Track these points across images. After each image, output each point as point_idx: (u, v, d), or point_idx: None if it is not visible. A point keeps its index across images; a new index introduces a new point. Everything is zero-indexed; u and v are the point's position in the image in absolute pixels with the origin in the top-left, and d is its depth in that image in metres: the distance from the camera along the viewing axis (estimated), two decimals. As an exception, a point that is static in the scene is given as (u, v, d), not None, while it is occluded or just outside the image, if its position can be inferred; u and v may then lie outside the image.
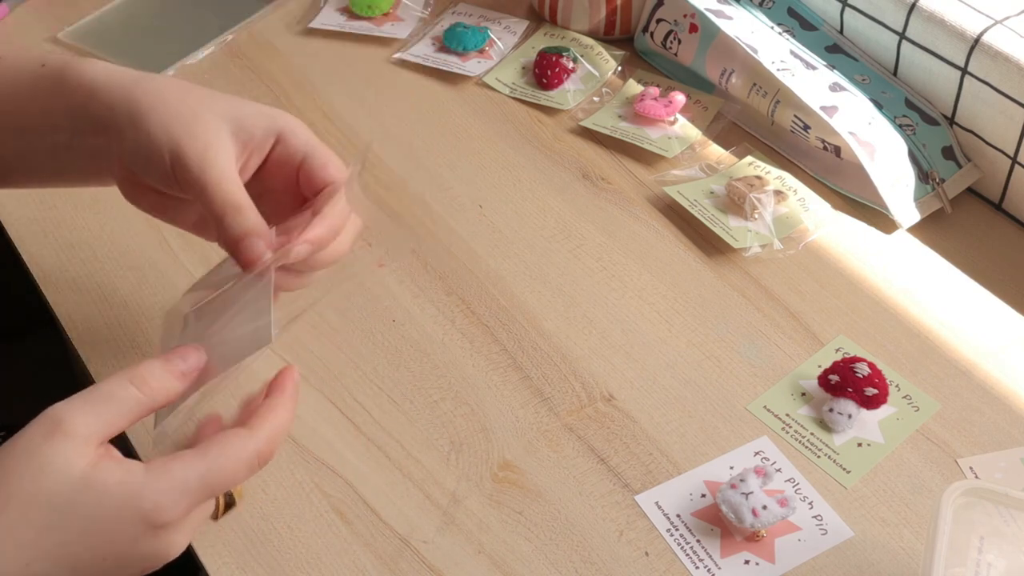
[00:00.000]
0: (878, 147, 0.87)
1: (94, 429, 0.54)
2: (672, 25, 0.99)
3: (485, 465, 0.72)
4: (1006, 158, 0.86)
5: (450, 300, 0.83)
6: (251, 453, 0.57)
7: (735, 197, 0.87)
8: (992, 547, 0.59)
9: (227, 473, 0.56)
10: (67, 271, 0.85)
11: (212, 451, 0.56)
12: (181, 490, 0.55)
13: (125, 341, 0.79)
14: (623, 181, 0.92)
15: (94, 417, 0.55)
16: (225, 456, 0.56)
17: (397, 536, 0.69)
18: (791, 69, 0.92)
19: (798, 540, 0.68)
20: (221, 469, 0.56)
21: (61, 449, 0.53)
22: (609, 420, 0.75)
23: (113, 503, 0.53)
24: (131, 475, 0.54)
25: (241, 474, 0.57)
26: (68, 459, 0.53)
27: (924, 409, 0.75)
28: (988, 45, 0.84)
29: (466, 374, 0.78)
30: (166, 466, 0.55)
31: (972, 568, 0.58)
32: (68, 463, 0.53)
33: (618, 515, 0.70)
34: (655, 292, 0.83)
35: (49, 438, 0.54)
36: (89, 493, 0.53)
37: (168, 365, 0.58)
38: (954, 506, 0.60)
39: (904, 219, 0.87)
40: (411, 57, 1.04)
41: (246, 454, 0.57)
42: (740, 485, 0.67)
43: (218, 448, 0.56)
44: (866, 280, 0.84)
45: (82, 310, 0.82)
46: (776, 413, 0.75)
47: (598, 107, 0.98)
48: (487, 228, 0.88)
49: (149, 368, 0.57)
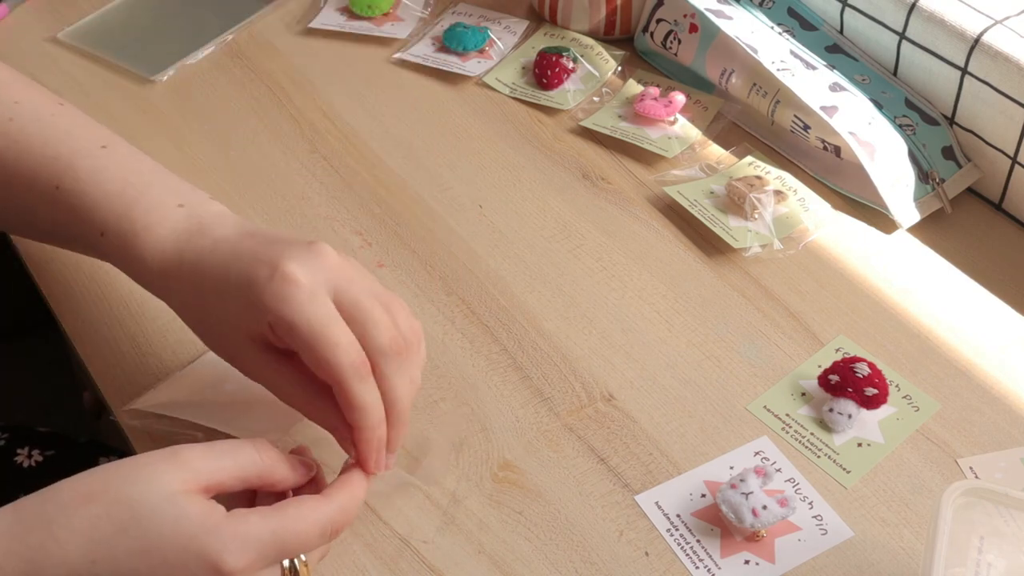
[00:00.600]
0: (878, 147, 0.87)
1: (204, 467, 0.56)
2: (672, 25, 0.99)
3: (485, 465, 0.72)
4: (1006, 158, 0.86)
5: (450, 300, 0.83)
6: (325, 519, 0.58)
7: (735, 197, 0.87)
8: (992, 547, 0.59)
9: (300, 535, 0.57)
10: (67, 271, 0.85)
11: (289, 510, 0.57)
12: (254, 541, 0.55)
13: (125, 341, 0.79)
14: (623, 181, 0.92)
15: (209, 459, 0.56)
16: (300, 517, 0.57)
17: (397, 536, 0.69)
18: (791, 69, 0.92)
19: (798, 540, 0.68)
20: (294, 529, 0.57)
21: (167, 469, 0.55)
22: (609, 420, 0.75)
23: (186, 530, 0.54)
24: (213, 512, 0.55)
25: (313, 540, 0.58)
26: (169, 478, 0.55)
27: (924, 409, 0.75)
28: (988, 45, 0.84)
29: (466, 374, 0.78)
30: (245, 516, 0.56)
31: (972, 568, 0.58)
32: (167, 481, 0.55)
33: (618, 515, 0.70)
34: (655, 292, 0.83)
35: (163, 460, 0.56)
36: (169, 512, 0.54)
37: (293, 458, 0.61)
38: (954, 506, 0.60)
39: (904, 219, 0.87)
40: (411, 57, 1.04)
41: (320, 518, 0.58)
42: (740, 485, 0.67)
43: (294, 509, 0.57)
44: (866, 280, 0.84)
45: (82, 310, 0.82)
46: (776, 413, 0.75)
47: (598, 107, 0.98)
48: (487, 228, 0.88)
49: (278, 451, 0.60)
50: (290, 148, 0.95)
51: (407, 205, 0.90)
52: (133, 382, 0.77)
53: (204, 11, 1.09)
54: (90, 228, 0.66)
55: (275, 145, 0.95)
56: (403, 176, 0.93)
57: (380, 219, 0.89)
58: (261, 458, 0.58)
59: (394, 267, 0.85)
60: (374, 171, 0.93)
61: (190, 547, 0.54)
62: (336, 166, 0.94)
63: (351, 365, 0.60)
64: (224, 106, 0.99)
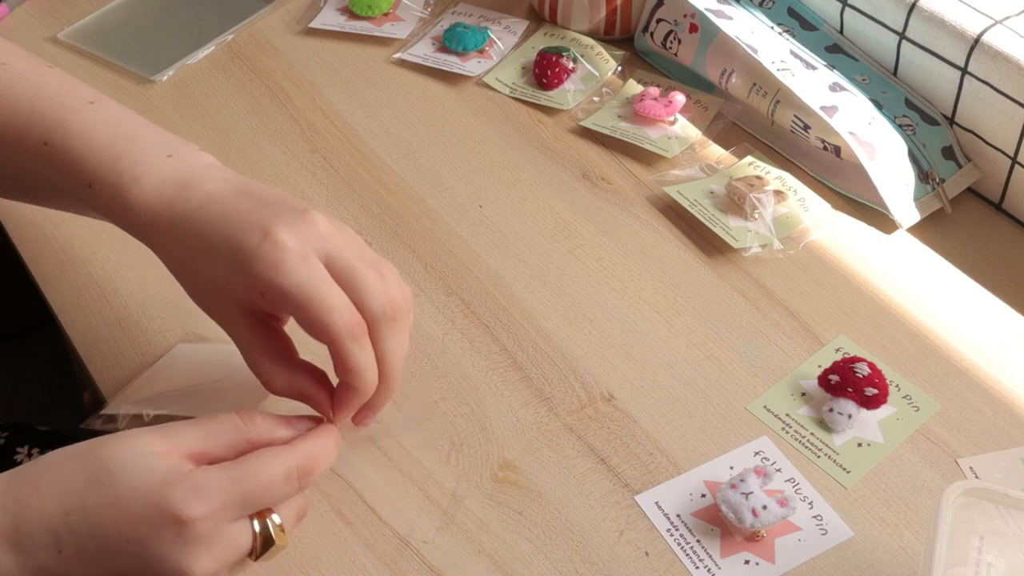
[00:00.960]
0: (878, 147, 0.87)
1: (184, 435, 0.57)
2: (672, 25, 0.99)
3: (485, 465, 0.72)
4: (1006, 158, 0.86)
5: (450, 300, 0.83)
6: (291, 463, 0.58)
7: (735, 197, 0.87)
8: (992, 547, 0.59)
9: (263, 481, 0.56)
10: (67, 271, 0.85)
11: (251, 459, 0.57)
12: (214, 489, 0.55)
13: (125, 341, 0.79)
14: (623, 181, 0.92)
15: (191, 428, 0.57)
16: (263, 464, 0.57)
17: (397, 536, 0.69)
18: (791, 69, 0.92)
19: (798, 540, 0.68)
20: (257, 476, 0.56)
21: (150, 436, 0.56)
22: (609, 420, 0.75)
23: (150, 483, 0.55)
24: (179, 467, 0.55)
25: (279, 487, 0.57)
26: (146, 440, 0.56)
27: (924, 409, 0.75)
28: (988, 45, 0.84)
29: (466, 374, 0.78)
30: (206, 468, 0.56)
31: (972, 568, 0.58)
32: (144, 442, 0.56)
33: (618, 515, 0.70)
34: (655, 292, 0.83)
35: (151, 430, 0.57)
36: (139, 466, 0.55)
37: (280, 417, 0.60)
38: (954, 506, 0.60)
39: (904, 219, 0.87)
40: (411, 57, 1.04)
41: (285, 463, 0.57)
42: (740, 485, 0.67)
43: (256, 456, 0.57)
44: (866, 280, 0.84)
45: (82, 310, 0.82)
46: (776, 413, 0.75)
47: (598, 107, 0.98)
48: (487, 228, 0.88)
49: (262, 412, 0.60)
50: (290, 148, 0.95)
51: (407, 205, 0.90)
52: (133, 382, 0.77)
53: (204, 11, 1.09)
54: (78, 181, 0.65)
55: (275, 145, 0.95)
56: (403, 176, 0.93)
57: (380, 219, 0.89)
58: (245, 425, 0.58)
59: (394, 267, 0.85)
60: (374, 171, 0.93)
61: (153, 498, 0.54)
62: (336, 166, 0.93)
63: (347, 326, 0.59)
64: (224, 106, 0.99)
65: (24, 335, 1.25)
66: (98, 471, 0.55)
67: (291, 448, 0.58)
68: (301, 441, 0.59)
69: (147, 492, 0.54)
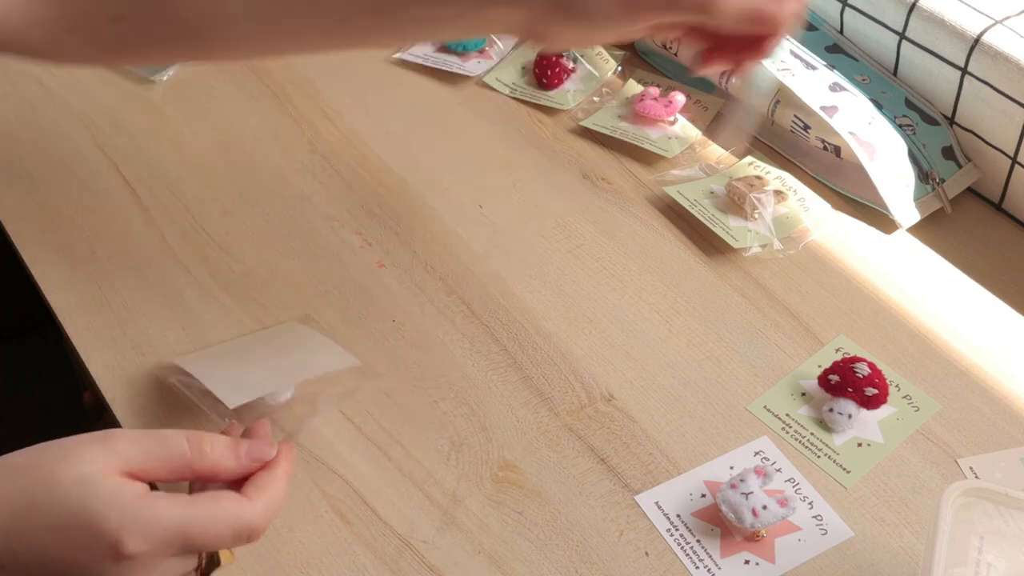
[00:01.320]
0: (878, 147, 0.87)
1: (129, 452, 0.56)
2: (672, 25, 0.99)
3: (485, 465, 0.72)
4: (1006, 158, 0.86)
5: (450, 300, 0.83)
6: (242, 522, 0.57)
7: (735, 197, 0.87)
8: (992, 547, 0.59)
9: (209, 533, 0.56)
10: (67, 271, 0.85)
11: (204, 506, 0.56)
12: (158, 529, 0.54)
13: (125, 341, 0.79)
14: (623, 181, 0.92)
15: (137, 446, 0.56)
16: (214, 516, 0.56)
17: (397, 536, 0.69)
18: (791, 69, 0.92)
19: (798, 540, 0.68)
20: (204, 527, 0.56)
21: (92, 451, 0.55)
22: (609, 420, 0.75)
23: (92, 508, 0.54)
24: (122, 491, 0.54)
25: (225, 540, 0.57)
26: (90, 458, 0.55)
27: (924, 409, 0.75)
28: (988, 45, 0.84)
29: (466, 374, 0.78)
30: (155, 501, 0.55)
31: (972, 568, 0.58)
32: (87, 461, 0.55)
33: (618, 515, 0.70)
34: (655, 292, 0.83)
35: (93, 442, 0.55)
36: (80, 491, 0.54)
37: (232, 443, 0.59)
38: (954, 506, 0.60)
39: (904, 219, 0.87)
40: (411, 57, 1.04)
41: (235, 521, 0.57)
42: (740, 485, 0.67)
43: (210, 505, 0.56)
44: (866, 280, 0.84)
45: (82, 310, 0.82)
46: (776, 413, 0.75)
47: (598, 107, 0.98)
48: (487, 228, 0.88)
49: (213, 436, 0.59)
50: (290, 148, 0.95)
51: (407, 205, 0.90)
52: (133, 382, 0.77)
53: (204, 11, 1.09)
54: None
55: (275, 145, 0.95)
56: (403, 176, 0.93)
57: (380, 219, 0.89)
58: (191, 450, 0.57)
59: (394, 267, 0.85)
60: (374, 171, 0.93)
61: (92, 525, 0.53)
62: (336, 166, 0.93)
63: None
64: (224, 106, 0.99)
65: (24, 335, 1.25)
66: (40, 493, 0.54)
67: (248, 505, 0.57)
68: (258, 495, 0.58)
69: (87, 519, 0.54)
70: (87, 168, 0.92)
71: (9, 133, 0.96)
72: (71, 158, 0.92)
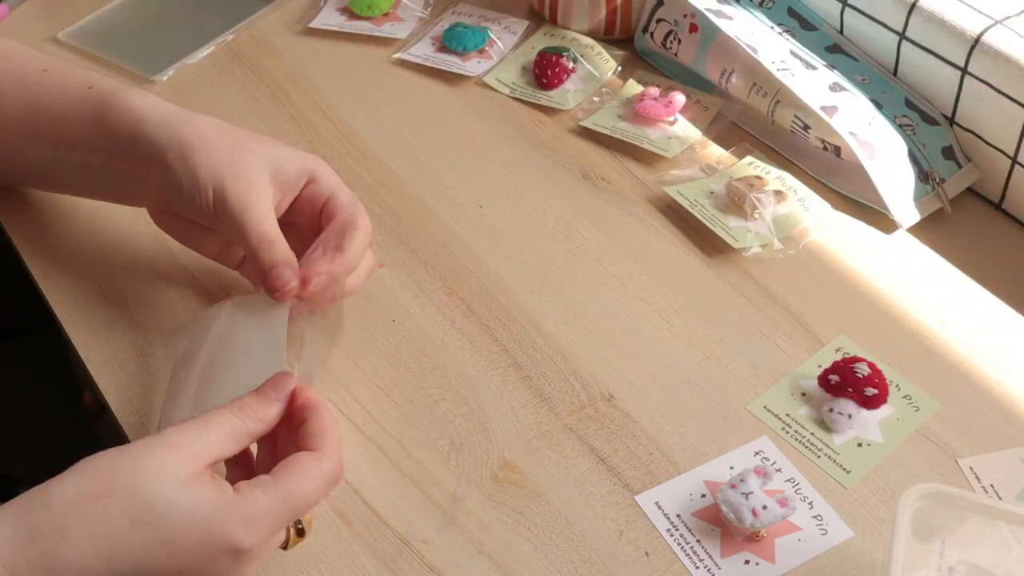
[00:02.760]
0: (878, 147, 0.87)
1: (196, 447, 0.57)
2: (672, 25, 0.99)
3: (485, 465, 0.72)
4: (1006, 158, 0.86)
5: (450, 300, 0.83)
6: (326, 472, 0.60)
7: (735, 197, 0.87)
8: (953, 551, 0.59)
9: (307, 497, 0.59)
10: (67, 271, 0.85)
11: (292, 477, 0.59)
12: (266, 515, 0.57)
13: (125, 341, 0.79)
14: (623, 181, 0.92)
15: (196, 437, 0.58)
16: (304, 481, 0.59)
17: (397, 536, 0.69)
18: (791, 69, 0.92)
19: (798, 540, 0.68)
20: (302, 494, 0.59)
21: (167, 456, 0.56)
22: (609, 420, 0.75)
23: (203, 518, 0.56)
24: (223, 495, 0.57)
25: (319, 497, 0.60)
26: (173, 466, 0.56)
27: (924, 409, 0.75)
28: (988, 45, 0.84)
29: (466, 374, 0.78)
30: (253, 492, 0.57)
31: (934, 571, 0.58)
32: (173, 470, 0.56)
33: (618, 515, 0.70)
34: (655, 292, 0.83)
35: (159, 447, 0.57)
36: (183, 502, 0.55)
37: (262, 396, 0.62)
38: (912, 509, 0.60)
39: (904, 219, 0.87)
40: (411, 57, 1.04)
41: (322, 475, 0.60)
42: (740, 485, 0.67)
43: (297, 475, 0.59)
44: (866, 280, 0.84)
45: (82, 310, 0.82)
46: (776, 413, 0.75)
47: (598, 107, 0.98)
48: (487, 228, 0.88)
49: (247, 399, 0.61)
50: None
51: (407, 205, 0.90)
52: (133, 382, 0.77)
53: (204, 11, 1.09)
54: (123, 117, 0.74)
55: (275, 145, 0.95)
56: (403, 176, 0.93)
57: (380, 219, 0.89)
58: (241, 418, 0.60)
59: (394, 267, 0.85)
60: (374, 171, 0.93)
61: (209, 534, 0.55)
62: (336, 166, 0.93)
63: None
64: (224, 106, 0.99)
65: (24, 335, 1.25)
66: (141, 511, 0.55)
67: (323, 456, 0.60)
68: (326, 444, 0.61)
69: (202, 528, 0.55)
70: (87, 168, 0.92)
71: (9, 133, 0.96)
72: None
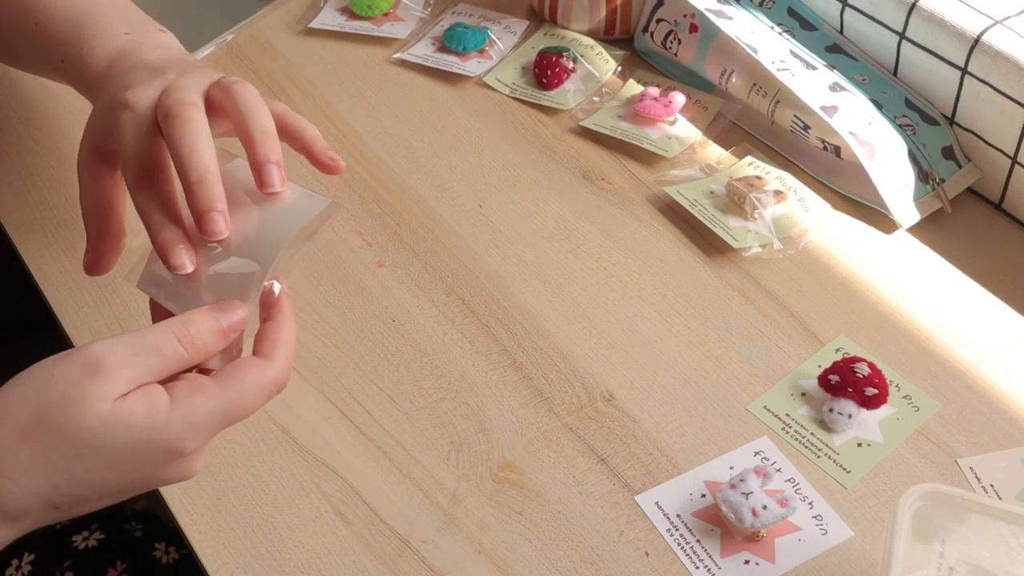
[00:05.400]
0: (878, 147, 0.87)
1: (125, 372, 0.55)
2: (672, 25, 0.99)
3: (485, 465, 0.72)
4: (1006, 158, 0.86)
5: (450, 300, 0.83)
6: (270, 382, 0.59)
7: (735, 197, 0.87)
8: (953, 551, 0.59)
9: (248, 404, 0.58)
10: (67, 271, 0.85)
11: (235, 385, 0.57)
12: (205, 423, 0.56)
13: (125, 341, 0.79)
14: (623, 181, 0.92)
15: (138, 368, 0.56)
16: (246, 388, 0.58)
17: (397, 536, 0.69)
18: (791, 69, 0.92)
19: (798, 540, 0.68)
20: (243, 401, 0.57)
21: (98, 387, 0.54)
22: (609, 420, 0.75)
23: (141, 437, 0.55)
24: (157, 409, 0.55)
25: (261, 403, 0.59)
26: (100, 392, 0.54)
27: (924, 409, 0.75)
28: (988, 45, 0.84)
29: (466, 374, 0.78)
30: (191, 401, 0.56)
31: (934, 571, 0.58)
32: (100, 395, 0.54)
33: (618, 515, 0.70)
34: (655, 292, 0.83)
35: (88, 377, 0.55)
36: (118, 428, 0.54)
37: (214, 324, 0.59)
38: (912, 509, 0.60)
39: (904, 219, 0.87)
40: (411, 57, 1.04)
41: (265, 383, 0.58)
42: (740, 485, 0.67)
43: (240, 381, 0.57)
44: (866, 280, 0.84)
45: (82, 310, 0.82)
46: (776, 413, 0.75)
47: (598, 107, 0.98)
48: (487, 228, 0.88)
49: (198, 329, 0.58)
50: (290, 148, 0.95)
51: (407, 205, 0.90)
52: (133, 382, 0.77)
53: (204, 11, 1.09)
54: (55, 57, 0.73)
55: (275, 145, 0.95)
56: (403, 176, 0.93)
57: (380, 219, 0.89)
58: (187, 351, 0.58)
59: (394, 267, 0.85)
60: (374, 171, 0.93)
61: (150, 449, 0.55)
62: (336, 166, 0.93)
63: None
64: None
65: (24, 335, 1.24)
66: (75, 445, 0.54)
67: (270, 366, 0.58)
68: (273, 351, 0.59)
69: (141, 446, 0.55)
70: (87, 168, 0.92)
71: (9, 133, 0.96)
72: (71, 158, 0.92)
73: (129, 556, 0.85)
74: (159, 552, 0.86)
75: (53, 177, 0.92)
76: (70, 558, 0.85)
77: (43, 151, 0.94)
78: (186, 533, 0.69)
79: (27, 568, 0.85)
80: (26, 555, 0.86)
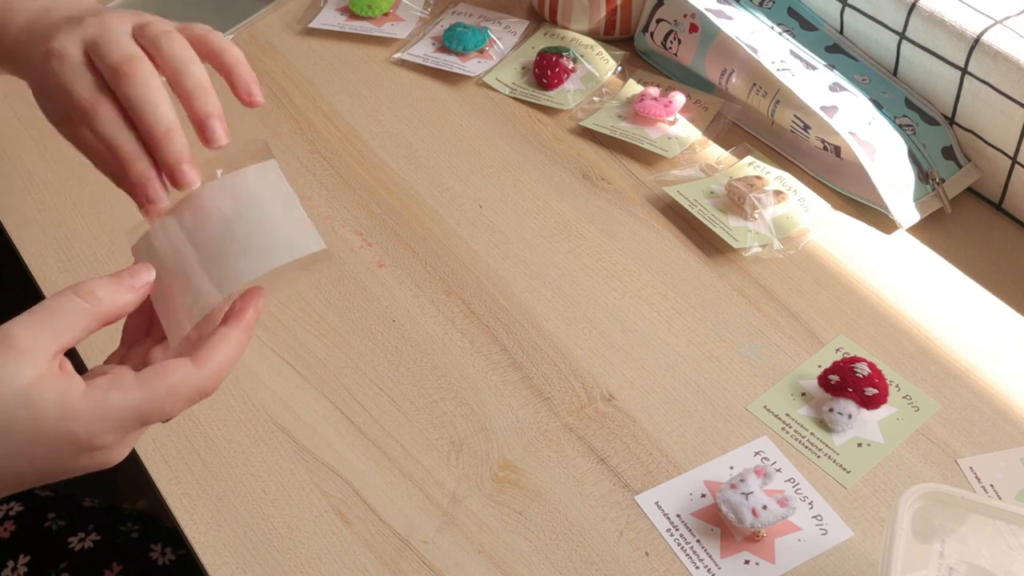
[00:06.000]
0: (878, 147, 0.87)
1: (40, 342, 0.54)
2: (672, 25, 0.99)
3: (485, 465, 0.72)
4: (1006, 158, 0.86)
5: (450, 300, 0.83)
6: (192, 389, 0.56)
7: (735, 197, 0.87)
8: (953, 551, 0.59)
9: (166, 406, 0.56)
10: (67, 271, 0.85)
11: (154, 384, 0.55)
12: (116, 420, 0.54)
13: (125, 341, 0.79)
14: (623, 181, 0.92)
15: (40, 330, 0.54)
16: (166, 390, 0.55)
17: (397, 536, 0.69)
18: (791, 69, 0.92)
19: (798, 540, 0.68)
20: (160, 402, 0.55)
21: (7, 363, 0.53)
22: (609, 420, 0.75)
23: (47, 423, 0.53)
24: (68, 396, 0.53)
25: (181, 407, 0.56)
26: (12, 371, 0.53)
27: (924, 409, 0.75)
28: (988, 45, 0.84)
29: (466, 374, 0.78)
30: (106, 394, 0.54)
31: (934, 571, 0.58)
32: (14, 376, 0.53)
33: (618, 515, 0.70)
34: (655, 292, 0.83)
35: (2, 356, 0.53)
36: (27, 410, 0.53)
37: (116, 280, 0.58)
38: (912, 509, 0.60)
39: (904, 219, 0.87)
40: (411, 57, 1.04)
41: (187, 390, 0.56)
42: (740, 485, 0.67)
43: (160, 382, 0.55)
44: (866, 280, 0.84)
45: (82, 310, 0.82)
46: (776, 413, 0.75)
47: (598, 107, 0.98)
48: (487, 228, 0.88)
49: (96, 282, 0.57)
50: (290, 148, 0.95)
51: (407, 205, 0.90)
52: (133, 382, 0.77)
53: (204, 11, 1.09)
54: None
55: (275, 145, 0.95)
56: (403, 176, 0.93)
57: (380, 219, 0.89)
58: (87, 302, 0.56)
59: (394, 267, 0.85)
60: (374, 171, 0.93)
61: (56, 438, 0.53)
62: (336, 166, 0.94)
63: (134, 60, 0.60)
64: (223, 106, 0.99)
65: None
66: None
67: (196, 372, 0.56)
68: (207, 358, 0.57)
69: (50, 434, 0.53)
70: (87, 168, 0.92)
71: (9, 133, 0.96)
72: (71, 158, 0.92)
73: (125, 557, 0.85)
74: (155, 553, 0.86)
75: (53, 177, 0.92)
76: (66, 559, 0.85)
77: (43, 151, 0.94)
78: (186, 533, 0.69)
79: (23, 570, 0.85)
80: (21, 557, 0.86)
